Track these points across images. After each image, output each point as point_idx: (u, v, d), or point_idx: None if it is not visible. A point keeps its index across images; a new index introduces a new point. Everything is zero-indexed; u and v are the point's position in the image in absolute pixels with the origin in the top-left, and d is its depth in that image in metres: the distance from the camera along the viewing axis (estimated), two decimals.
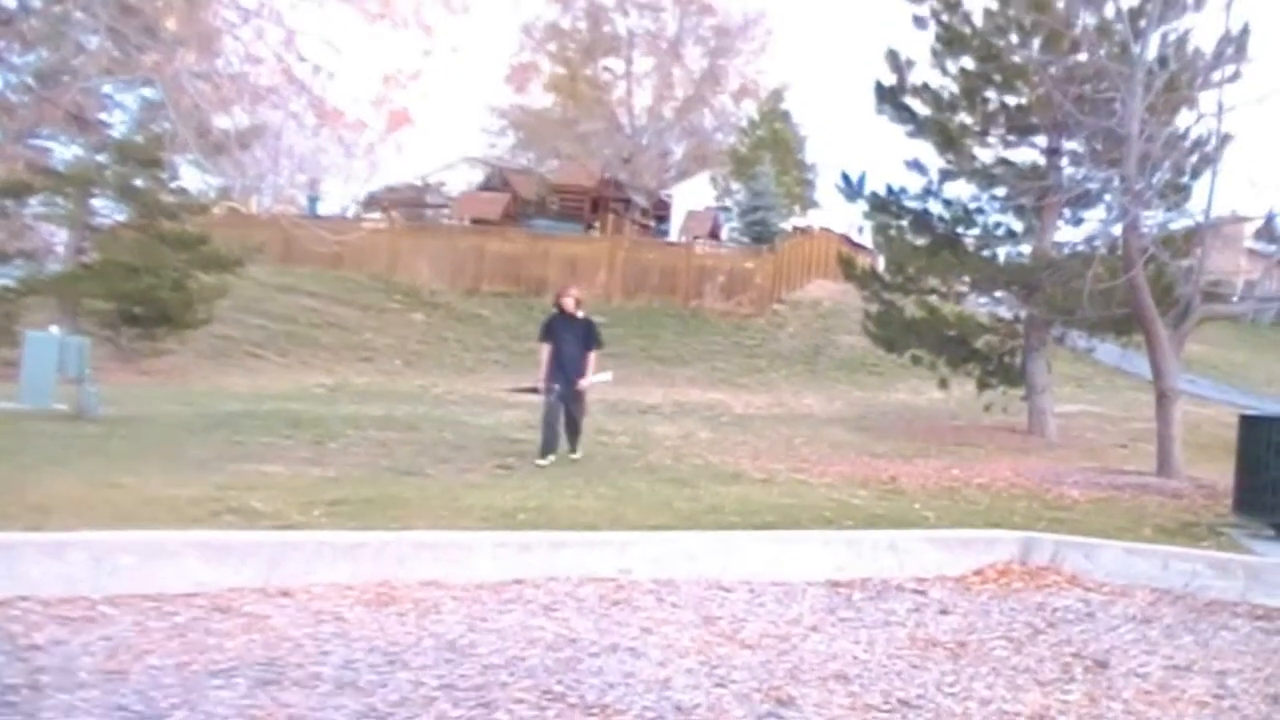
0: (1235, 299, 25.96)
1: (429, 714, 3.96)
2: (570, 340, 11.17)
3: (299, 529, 6.38)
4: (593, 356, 11.28)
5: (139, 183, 21.73)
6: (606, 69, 48.68)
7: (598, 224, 35.97)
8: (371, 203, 38.90)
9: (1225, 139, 14.00)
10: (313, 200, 39.45)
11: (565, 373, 11.05)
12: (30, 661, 4.22)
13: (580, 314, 11.43)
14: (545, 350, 11.21)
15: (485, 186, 38.61)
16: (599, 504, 7.97)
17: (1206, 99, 14.00)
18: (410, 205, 37.96)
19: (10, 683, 3.98)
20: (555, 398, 10.99)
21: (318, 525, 6.59)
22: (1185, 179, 15.37)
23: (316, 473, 9.17)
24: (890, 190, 18.28)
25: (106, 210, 22.68)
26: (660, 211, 40.77)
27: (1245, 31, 14.00)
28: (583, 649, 4.87)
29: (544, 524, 6.93)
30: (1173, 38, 14.93)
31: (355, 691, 4.12)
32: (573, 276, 30.52)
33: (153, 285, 20.64)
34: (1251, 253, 34.14)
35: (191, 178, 22.24)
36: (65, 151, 22.05)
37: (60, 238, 23.40)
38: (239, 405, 14.75)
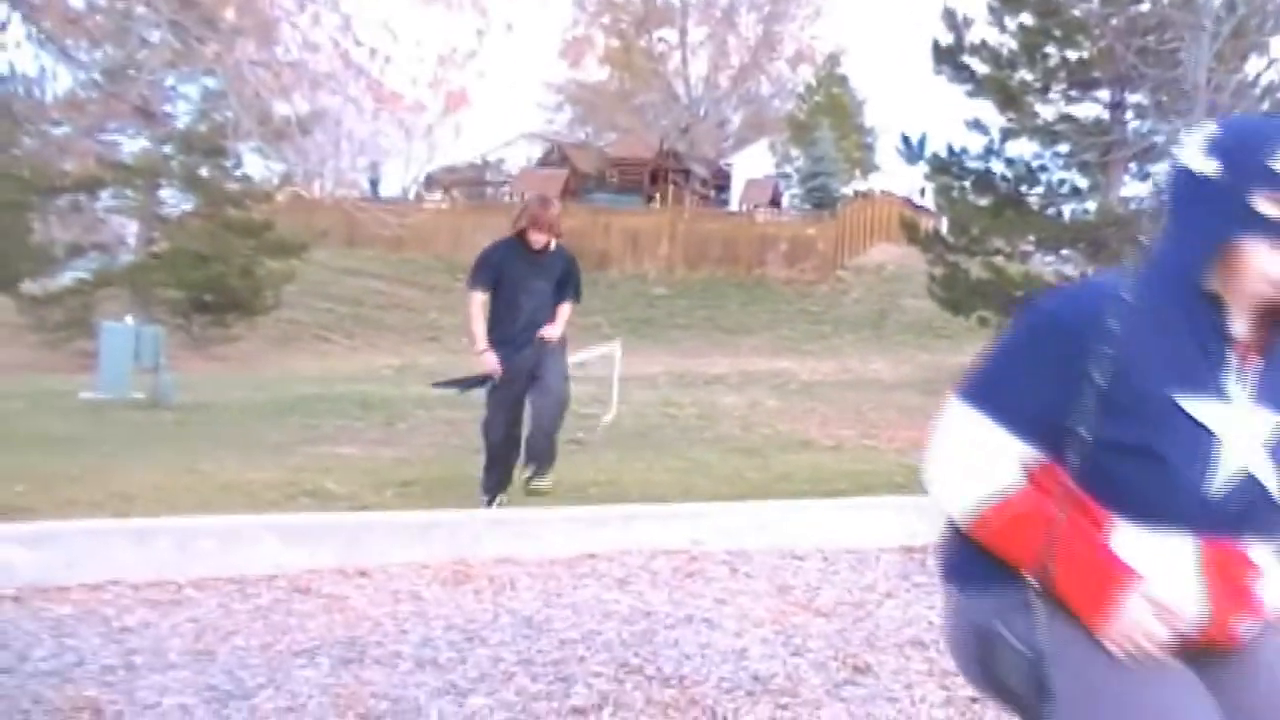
0: None
1: (508, 689, 4.01)
2: (533, 283, 7.05)
3: (373, 510, 6.48)
4: (567, 309, 7.17)
5: (204, 172, 22.08)
6: (661, 40, 48.50)
7: (657, 196, 35.94)
8: (432, 183, 39.17)
9: None
10: (374, 183, 39.81)
11: (522, 338, 6.98)
12: (124, 643, 4.33)
13: (553, 245, 7.15)
14: (478, 302, 7.05)
15: (544, 162, 38.71)
16: (669, 476, 8.00)
17: (1277, 44, 13.71)
18: (470, 184, 38.18)
19: (107, 663, 4.10)
20: (504, 385, 7.02)
21: (391, 506, 6.69)
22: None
23: (388, 453, 9.30)
24: (951, 151, 18.11)
25: (174, 200, 23.11)
26: (720, 181, 40.63)
27: None
28: (658, 621, 4.90)
29: (615, 498, 6.98)
30: None
31: (435, 669, 4.19)
32: (634, 249, 30.59)
33: (221, 273, 20.98)
34: None
35: (254, 165, 22.55)
36: (132, 144, 22.47)
37: (131, 230, 23.84)
38: (309, 389, 14.96)
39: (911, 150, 18.42)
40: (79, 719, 3.61)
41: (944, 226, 19.86)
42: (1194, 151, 1.84)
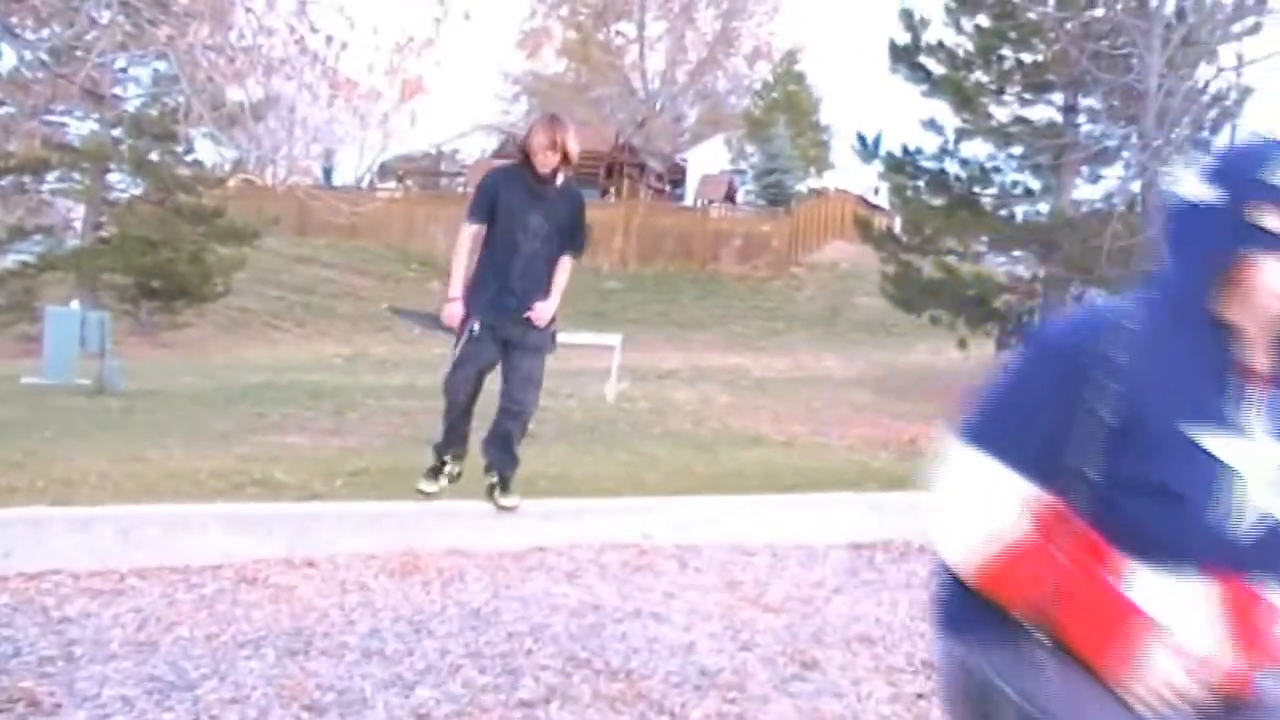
0: None
1: (455, 681, 3.99)
2: (534, 220, 5.96)
3: (322, 499, 6.42)
4: (568, 266, 6.10)
5: (154, 157, 21.79)
6: (619, 33, 48.45)
7: (613, 189, 35.90)
8: (386, 172, 38.93)
9: (1245, 92, 13.91)
10: (327, 171, 39.52)
11: (512, 290, 5.94)
12: (63, 634, 4.27)
13: (561, 179, 6.04)
14: (469, 234, 6.04)
15: (499, 154, 38.55)
16: (620, 470, 7.99)
17: (1226, 52, 13.91)
18: (425, 174, 37.99)
19: (46, 654, 4.04)
20: (479, 337, 5.93)
21: (341, 496, 6.63)
22: (1205, 134, 15.27)
23: (338, 443, 9.22)
24: (906, 150, 18.19)
25: (123, 185, 22.79)
26: (675, 176, 40.66)
27: None
28: (606, 615, 4.90)
29: (565, 491, 6.95)
30: None
31: (382, 660, 4.16)
32: (590, 243, 30.53)
33: (170, 259, 20.73)
34: None
35: (206, 151, 22.26)
36: (80, 127, 22.14)
37: (77, 213, 23.51)
38: (259, 377, 14.81)
39: (867, 149, 18.44)
40: (14, 711, 3.55)
41: (898, 225, 19.98)
42: (1190, 183, 1.80)
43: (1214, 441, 1.71)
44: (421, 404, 12.28)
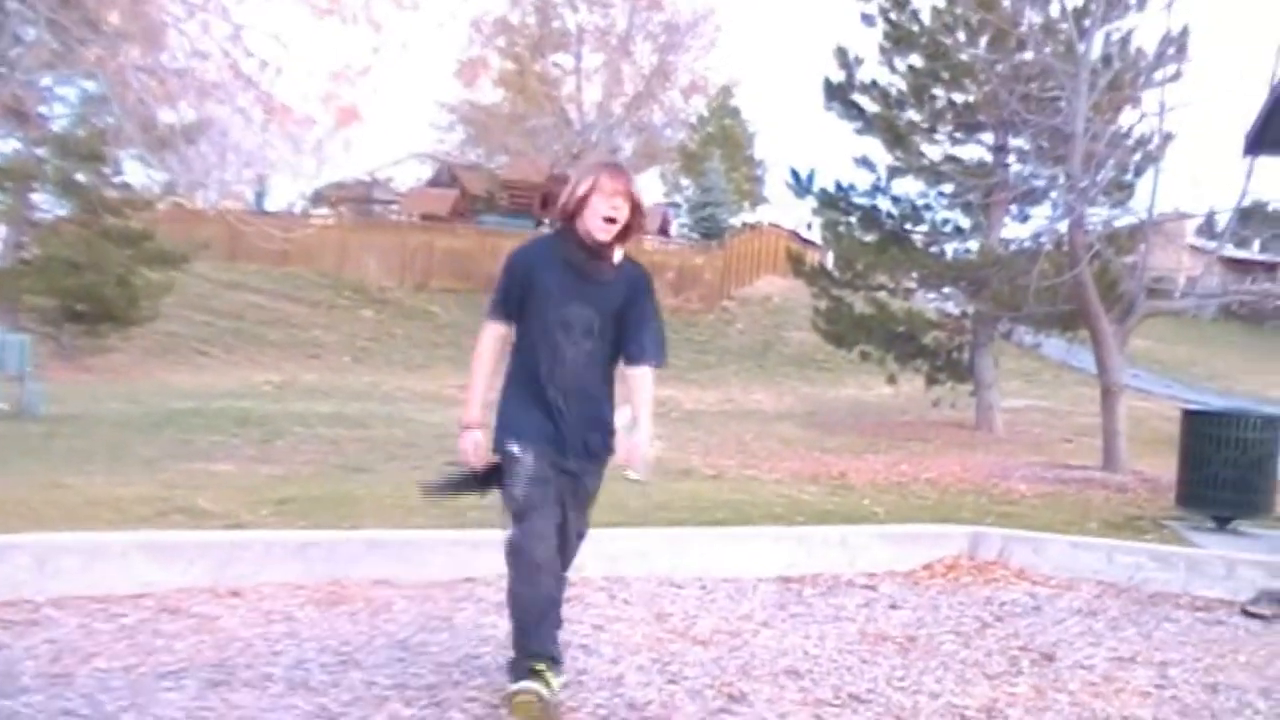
0: (1178, 295, 26.42)
1: (381, 713, 3.94)
2: (582, 316, 4.24)
3: (248, 528, 6.32)
4: (649, 377, 4.32)
5: (81, 178, 21.41)
6: (556, 65, 48.54)
7: (547, 220, 35.90)
8: (319, 199, 38.63)
9: (1167, 138, 14.25)
10: (260, 196, 39.10)
11: (560, 413, 4.23)
12: None
13: (619, 255, 4.32)
14: (491, 337, 4.33)
15: (434, 183, 38.48)
16: None
17: (1149, 98, 14.26)
18: (359, 201, 37.75)
19: None
20: (537, 471, 4.13)
21: (267, 524, 6.54)
22: (1129, 177, 15.62)
23: (265, 471, 9.10)
24: (839, 187, 18.40)
25: (47, 205, 22.34)
26: None
27: (1185, 32, 14.29)
28: None
29: (496, 522, 6.90)
30: (1116, 37, 15.16)
31: (307, 691, 4.10)
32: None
33: (96, 282, 20.37)
34: (1193, 249, 34.71)
35: (136, 173, 21.93)
36: (3, 145, 21.71)
37: None
38: (185, 403, 14.60)
39: (800, 185, 18.62)
40: None
41: (829, 261, 20.17)
42: None
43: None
44: (349, 432, 12.19)
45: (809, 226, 30.26)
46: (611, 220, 4.14)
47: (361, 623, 5.04)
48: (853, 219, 18.39)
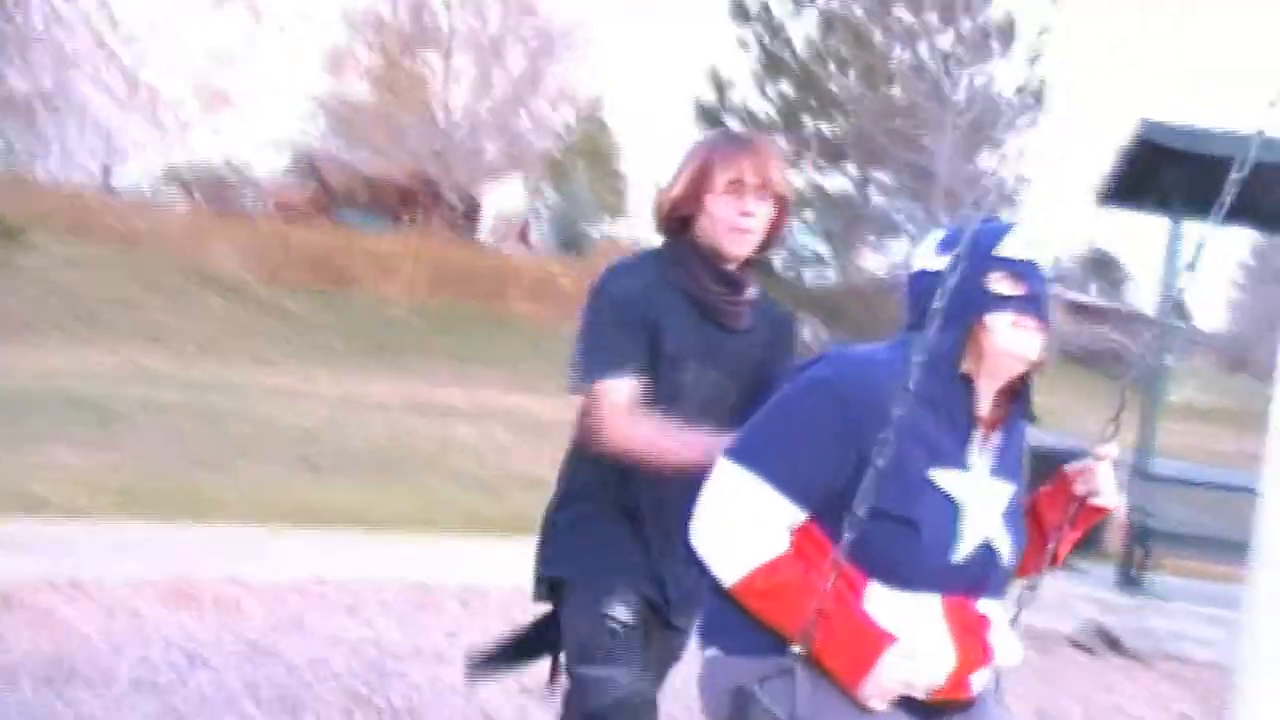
0: None
1: (231, 715, 3.85)
2: (716, 385, 2.53)
3: (88, 518, 6.11)
4: None
5: None
6: (425, 63, 48.08)
7: (407, 219, 35.50)
8: (175, 182, 37.50)
9: (1022, 181, 14.80)
10: (110, 173, 37.79)
11: (675, 548, 2.13)
12: None
13: (752, 291, 2.61)
14: (626, 397, 2.43)
15: (294, 173, 37.69)
16: (405, 507, 7.87)
17: (1009, 142, 14.80)
18: (215, 187, 36.75)
19: None
20: (627, 639, 2.47)
21: (109, 515, 6.33)
22: (985, 217, 16.14)
23: (106, 459, 8.78)
24: None
25: None
26: (471, 211, 40.47)
27: (1043, 84, 14.89)
28: (388, 652, 4.80)
29: (350, 524, 6.80)
30: (980, 82, 15.68)
31: (152, 691, 3.97)
32: (378, 271, 30.09)
33: None
34: None
35: None
36: None
37: None
38: (17, 383, 13.98)
39: None
40: None
41: None
42: (928, 254, 2.09)
43: (948, 479, 1.96)
44: (195, 423, 11.82)
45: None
46: (745, 230, 2.54)
47: (210, 621, 4.90)
48: None
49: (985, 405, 2.03)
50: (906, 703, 1.94)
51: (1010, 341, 2.00)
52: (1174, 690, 5.92)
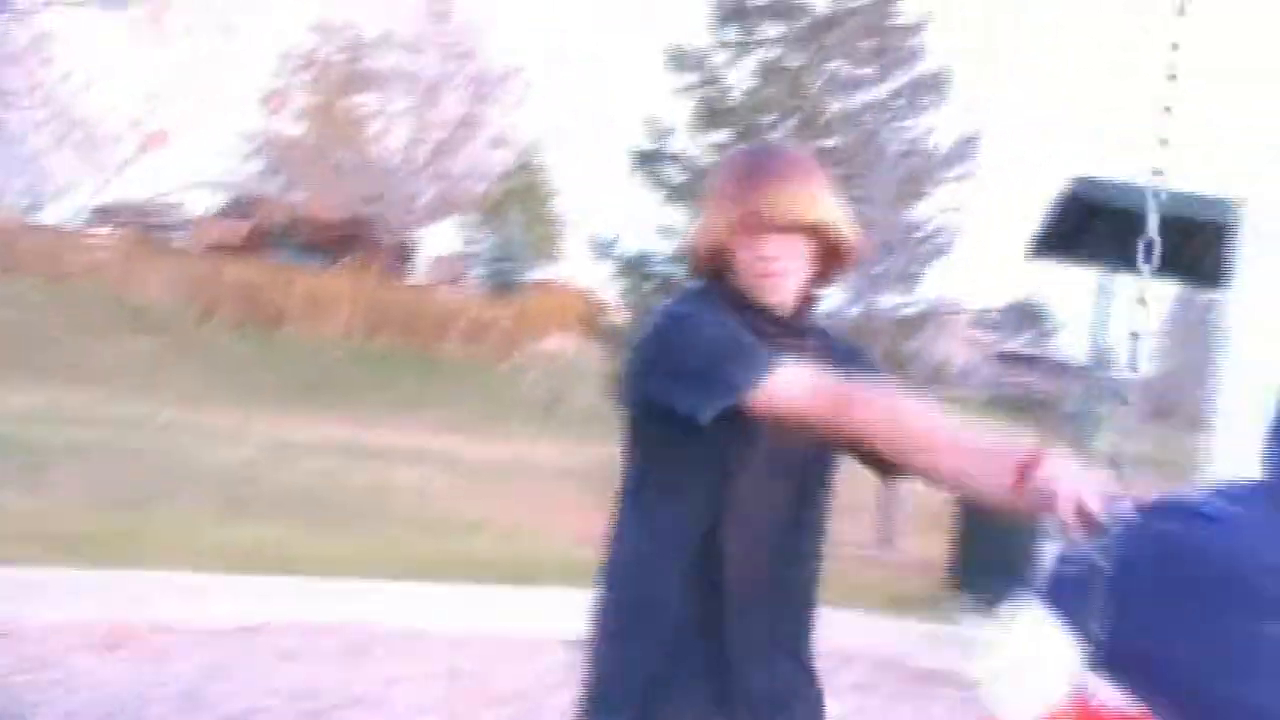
0: (955, 381, 27.84)
1: None
2: (786, 496, 2.19)
3: (13, 563, 5.97)
4: None
5: None
6: (362, 104, 47.99)
7: (342, 259, 35.32)
8: (106, 217, 36.98)
9: (955, 232, 15.09)
10: (39, 208, 37.18)
11: (755, 675, 2.03)
12: None
13: (814, 331, 2.19)
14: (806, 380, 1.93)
15: (228, 211, 37.39)
16: (342, 551, 7.78)
17: (942, 193, 15.13)
18: (148, 224, 36.32)
19: None
20: None
21: (33, 560, 6.18)
22: (918, 267, 16.38)
23: (30, 503, 8.60)
24: (641, 253, 18.71)
25: None
26: (406, 253, 40.37)
27: (976, 136, 15.29)
28: (325, 700, 4.74)
29: (285, 569, 6.70)
30: (915, 134, 15.96)
31: None
32: (313, 311, 29.85)
33: None
34: (969, 340, 36.64)
35: None
36: None
37: None
38: None
39: (601, 247, 18.90)
40: None
41: (622, 322, 20.42)
42: None
43: None
44: (123, 464, 11.62)
45: (604, 288, 30.66)
46: (770, 275, 2.12)
47: (141, 669, 4.81)
48: (651, 285, 18.69)
49: None
50: None
51: None
52: None
